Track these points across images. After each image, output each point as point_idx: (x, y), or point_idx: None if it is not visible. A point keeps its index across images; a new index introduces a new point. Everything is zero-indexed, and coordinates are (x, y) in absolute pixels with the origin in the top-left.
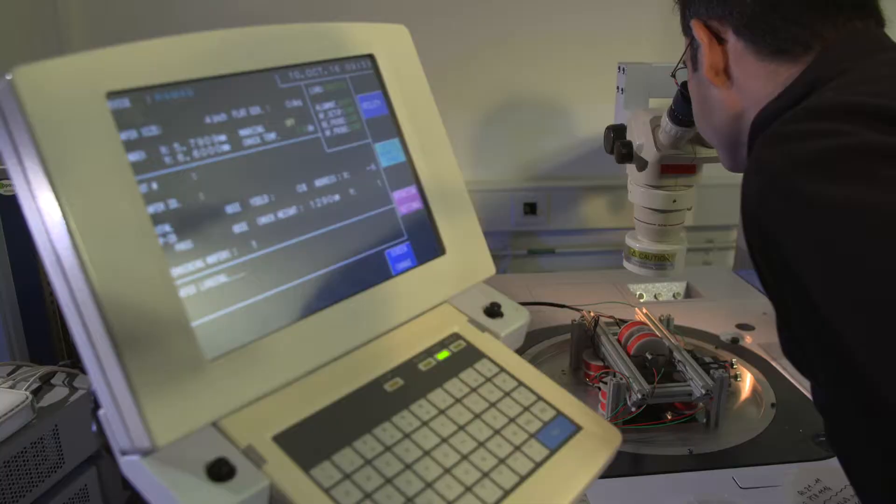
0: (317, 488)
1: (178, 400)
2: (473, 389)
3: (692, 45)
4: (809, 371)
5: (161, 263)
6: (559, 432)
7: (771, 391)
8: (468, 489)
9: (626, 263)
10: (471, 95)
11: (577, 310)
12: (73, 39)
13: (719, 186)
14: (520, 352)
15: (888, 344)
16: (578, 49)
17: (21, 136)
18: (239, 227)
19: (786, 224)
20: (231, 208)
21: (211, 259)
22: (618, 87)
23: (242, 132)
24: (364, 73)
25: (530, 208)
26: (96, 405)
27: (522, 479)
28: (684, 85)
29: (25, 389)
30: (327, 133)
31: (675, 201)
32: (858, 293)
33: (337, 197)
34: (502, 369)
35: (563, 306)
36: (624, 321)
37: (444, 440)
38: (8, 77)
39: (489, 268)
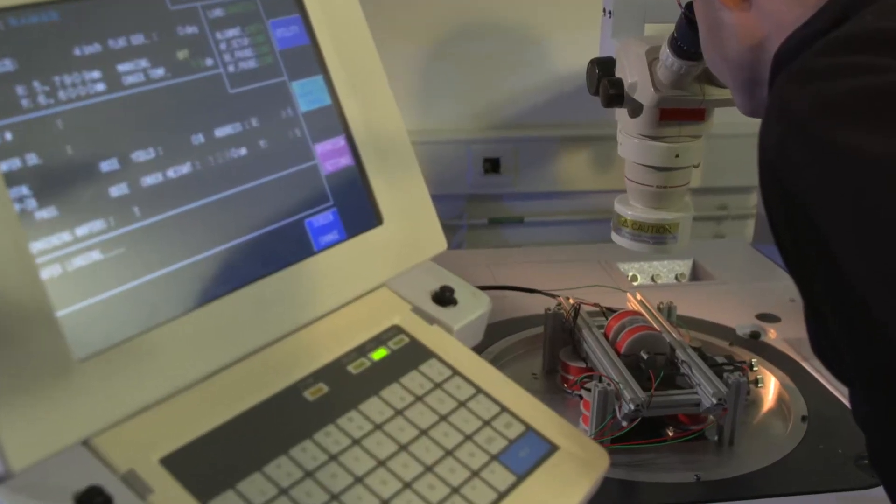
0: None
1: (39, 412)
2: (419, 398)
3: None
4: (844, 373)
5: (17, 236)
6: (529, 453)
7: (801, 401)
8: None
9: (614, 236)
10: (416, 21)
11: (553, 296)
12: None
13: (734, 137)
14: (479, 350)
15: None
16: None
17: None
18: (117, 190)
19: (813, 182)
20: (107, 165)
21: (81, 231)
22: (604, 10)
23: (121, 67)
24: None
25: (492, 165)
26: None
27: None
28: (689, 6)
29: None
30: (231, 69)
31: (677, 156)
32: None
33: (243, 151)
34: (456, 372)
35: (534, 291)
36: (612, 310)
37: (382, 464)
38: None
39: (439, 242)
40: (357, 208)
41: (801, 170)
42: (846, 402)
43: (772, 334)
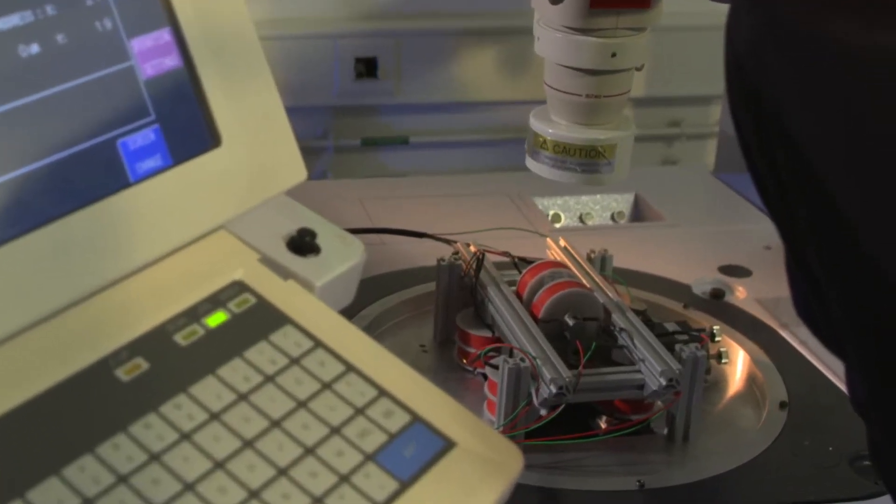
0: None
1: None
2: (269, 378)
3: None
4: (835, 340)
5: None
6: (416, 452)
7: (779, 381)
8: None
9: (529, 162)
10: None
11: (448, 241)
12: None
13: (690, 30)
14: (349, 313)
15: None
16: None
17: None
18: None
19: (795, 88)
20: None
21: None
22: None
23: None
24: None
25: (366, 68)
26: None
27: None
28: None
29: None
30: None
31: (614, 55)
32: None
33: (34, 48)
34: (319, 343)
35: (422, 235)
36: (528, 261)
37: (220, 465)
38: None
39: (296, 170)
40: (187, 125)
41: (779, 73)
42: (839, 383)
43: (740, 293)
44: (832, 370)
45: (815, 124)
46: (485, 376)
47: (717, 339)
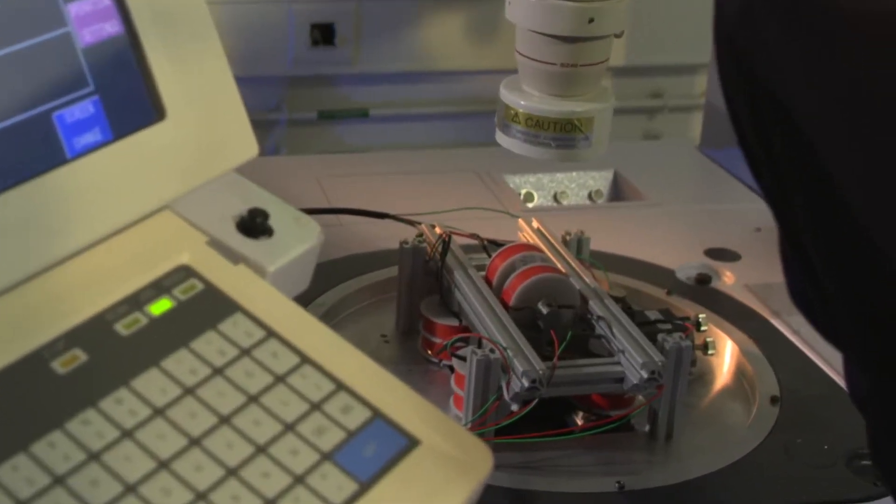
0: None
1: None
2: (218, 371)
3: None
4: (832, 330)
5: None
6: (377, 450)
7: (771, 374)
8: None
9: (500, 136)
10: None
11: (411, 222)
12: None
13: None
14: (304, 300)
15: None
16: None
17: None
18: None
19: (792, 63)
20: None
21: None
22: None
23: None
24: None
25: (322, 35)
26: None
27: None
28: None
29: None
30: None
31: (591, 21)
32: None
33: None
34: (272, 333)
35: (384, 216)
36: (498, 244)
37: (164, 465)
38: None
39: (247, 145)
40: (128, 97)
41: (776, 45)
42: (835, 376)
43: (728, 278)
44: (827, 362)
45: (816, 102)
46: (451, 369)
47: (702, 328)
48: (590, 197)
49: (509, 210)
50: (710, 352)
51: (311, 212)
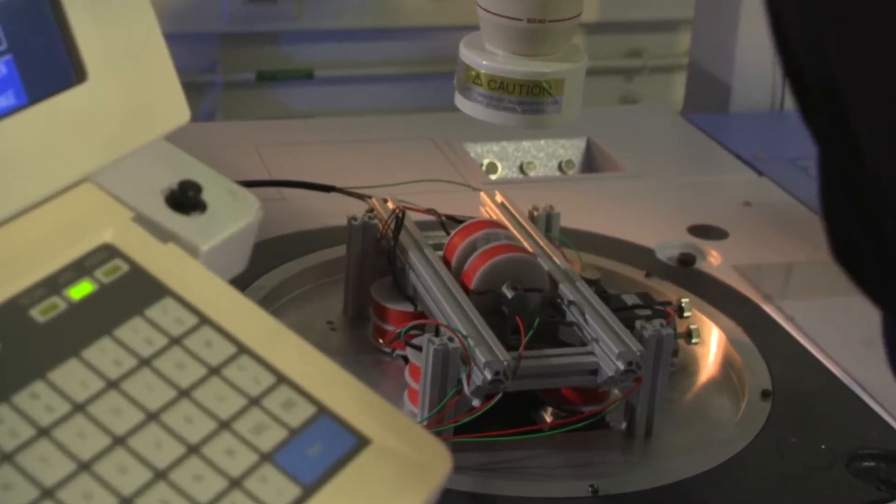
0: None
1: None
2: (145, 362)
3: None
4: (888, 290)
5: None
6: (324, 450)
7: (762, 365)
8: None
9: (459, 100)
10: None
11: (361, 196)
12: None
13: None
14: (242, 283)
15: None
16: None
17: None
18: None
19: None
20: None
21: None
22: None
23: None
24: None
25: None
26: None
27: None
28: None
29: None
30: None
31: None
32: None
33: None
34: (205, 320)
35: (330, 189)
36: (457, 220)
37: (85, 467)
38: None
39: (179, 110)
40: (45, 57)
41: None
42: (834, 367)
43: (714, 258)
44: (825, 352)
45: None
46: (405, 359)
47: (686, 314)
48: (560, 168)
49: (470, 182)
50: (693, 340)
51: (248, 184)
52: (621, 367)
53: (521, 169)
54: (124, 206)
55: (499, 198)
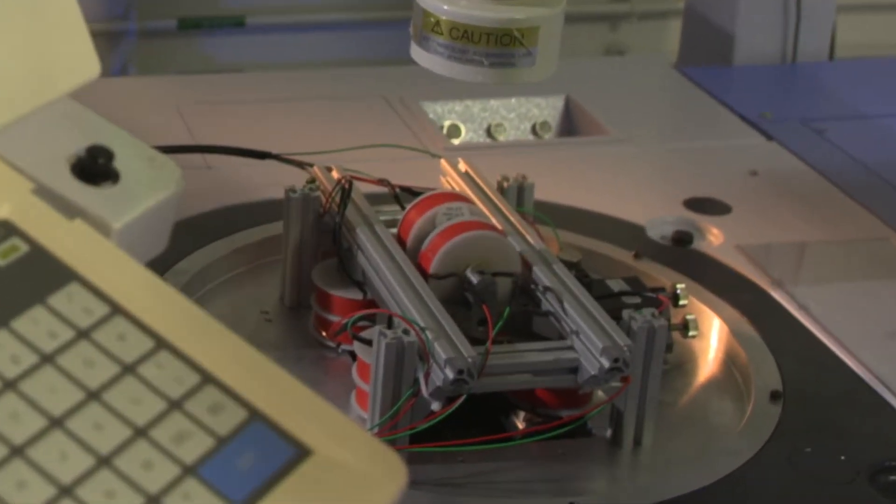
0: None
1: None
2: (47, 359)
3: None
4: None
5: None
6: (257, 462)
7: (770, 362)
8: None
9: (416, 51)
10: None
11: (300, 164)
12: None
13: None
14: (162, 266)
15: None
16: None
17: None
18: None
19: None
20: None
21: None
22: None
23: None
24: None
25: None
26: None
27: None
28: None
29: None
30: None
31: None
32: None
33: None
34: (118, 309)
35: (265, 156)
36: (414, 192)
37: None
38: None
39: (87, 63)
40: None
41: None
42: (856, 365)
43: (714, 237)
44: (843, 346)
45: None
46: (353, 356)
47: (681, 301)
48: (534, 131)
49: (429, 148)
50: (691, 333)
51: (168, 150)
52: (606, 364)
53: (489, 132)
54: (23, 177)
55: (462, 166)
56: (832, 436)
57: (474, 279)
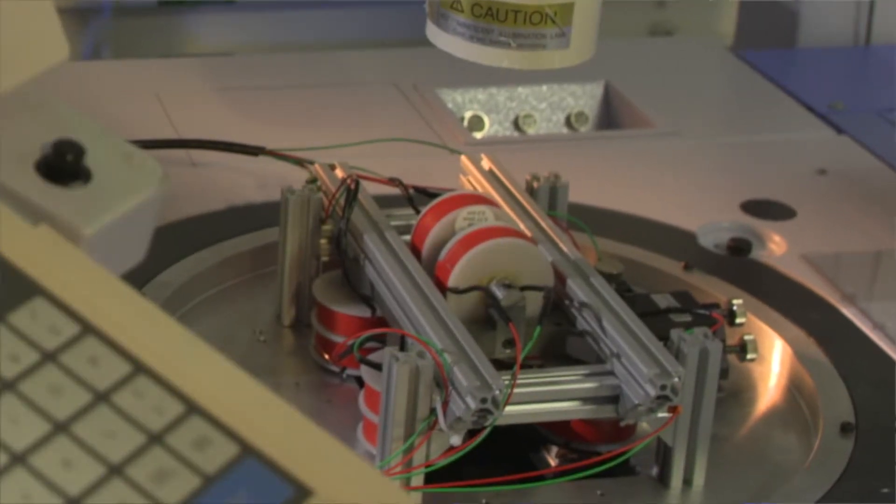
0: None
1: None
2: (8, 385)
3: None
4: None
5: None
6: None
7: (842, 389)
8: None
9: (433, 31)
10: None
11: (299, 161)
12: None
13: None
14: (141, 279)
15: None
16: None
17: None
18: None
19: None
20: None
21: None
22: None
23: None
24: None
25: None
26: None
27: None
28: None
29: None
30: None
31: None
32: None
33: None
34: (89, 329)
35: (258, 151)
36: (430, 194)
37: None
38: None
39: (55, 44)
40: None
41: None
42: None
43: (776, 245)
44: None
45: None
46: (360, 382)
47: (738, 320)
48: (568, 123)
49: (447, 143)
50: (749, 356)
51: (147, 145)
52: (652, 392)
53: (516, 124)
54: None
55: (486, 163)
56: None
57: (500, 294)
